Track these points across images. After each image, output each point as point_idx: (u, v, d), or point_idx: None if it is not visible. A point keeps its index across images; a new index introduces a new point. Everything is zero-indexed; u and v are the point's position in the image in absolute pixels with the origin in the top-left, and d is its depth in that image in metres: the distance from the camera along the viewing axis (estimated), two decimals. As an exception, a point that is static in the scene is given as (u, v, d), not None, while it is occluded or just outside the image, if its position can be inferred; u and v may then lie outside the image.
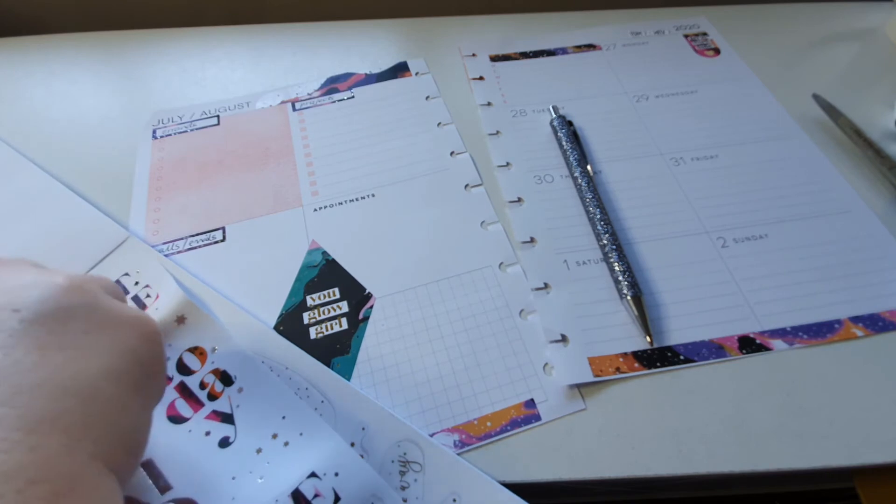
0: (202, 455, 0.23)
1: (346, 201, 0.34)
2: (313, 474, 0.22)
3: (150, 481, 0.22)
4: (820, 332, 0.27)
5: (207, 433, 0.23)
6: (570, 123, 0.37)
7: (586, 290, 0.29)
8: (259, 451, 0.23)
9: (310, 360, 0.26)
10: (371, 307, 0.29)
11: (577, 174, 0.33)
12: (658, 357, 0.26)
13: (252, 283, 0.30)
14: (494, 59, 0.43)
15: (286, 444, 0.23)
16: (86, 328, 0.15)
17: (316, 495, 0.21)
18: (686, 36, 0.44)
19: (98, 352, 0.14)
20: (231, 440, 0.23)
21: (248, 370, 0.25)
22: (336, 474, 0.22)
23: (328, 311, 0.29)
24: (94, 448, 0.13)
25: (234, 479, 0.22)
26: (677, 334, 0.27)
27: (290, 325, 0.28)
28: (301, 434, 0.23)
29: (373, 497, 0.22)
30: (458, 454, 0.24)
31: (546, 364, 0.26)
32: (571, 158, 0.34)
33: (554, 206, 0.33)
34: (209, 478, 0.22)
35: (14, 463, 0.11)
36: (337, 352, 0.27)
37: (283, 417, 0.24)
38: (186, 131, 0.38)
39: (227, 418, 0.24)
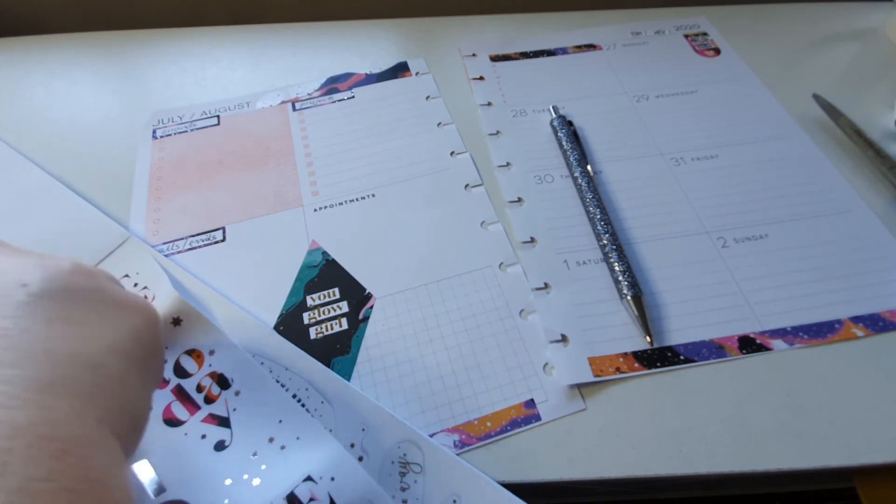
0: (197, 458, 0.23)
1: (346, 201, 0.34)
2: (309, 478, 0.22)
3: (144, 483, 0.22)
4: (820, 332, 0.27)
5: (203, 436, 0.23)
6: (570, 123, 0.37)
7: (586, 290, 0.29)
8: (255, 454, 0.23)
9: (310, 360, 0.26)
10: (371, 307, 0.29)
11: (577, 174, 0.33)
12: (658, 357, 0.26)
13: (252, 283, 0.30)
14: (494, 59, 0.43)
15: (283, 447, 0.23)
16: (91, 307, 0.15)
17: (311, 499, 0.21)
18: (686, 36, 0.44)
19: (103, 329, 0.15)
20: (227, 443, 0.23)
21: (245, 373, 0.25)
22: (332, 479, 0.22)
23: (328, 311, 0.29)
24: (100, 415, 0.13)
25: (229, 482, 0.22)
26: (677, 334, 0.27)
27: (290, 325, 0.28)
28: (298, 438, 0.23)
29: (368, 503, 0.22)
30: (458, 454, 0.24)
31: (546, 364, 0.26)
32: (571, 158, 0.34)
33: (554, 206, 0.33)
34: (204, 481, 0.22)
35: (24, 419, 0.11)
36: (337, 352, 0.27)
37: (280, 421, 0.24)
38: (186, 131, 0.38)
39: (224, 422, 0.24)
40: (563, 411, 0.25)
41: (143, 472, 0.22)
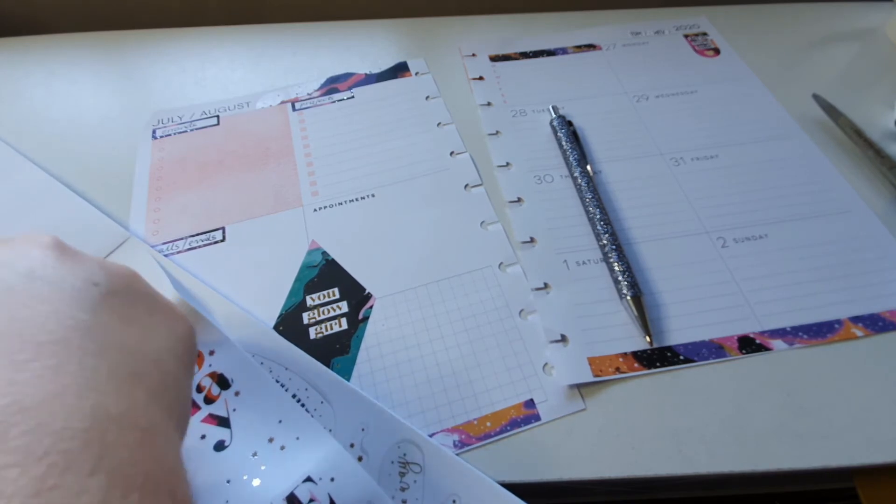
0: (197, 458, 0.23)
1: (346, 201, 0.34)
2: (309, 479, 0.22)
3: None
4: (820, 332, 0.27)
5: (203, 436, 0.23)
6: (570, 123, 0.37)
7: (586, 290, 0.29)
8: (255, 454, 0.23)
9: (309, 360, 0.26)
10: (371, 307, 0.29)
11: (577, 174, 0.33)
12: (658, 357, 0.26)
13: (252, 283, 0.30)
14: (494, 59, 0.43)
15: (282, 448, 0.23)
16: (147, 311, 0.16)
17: (311, 500, 0.21)
18: (686, 36, 0.44)
19: (159, 331, 0.16)
20: (227, 444, 0.23)
21: (245, 373, 0.25)
22: (332, 479, 0.22)
23: (328, 311, 0.29)
24: (167, 408, 0.14)
25: (228, 482, 0.22)
26: (677, 334, 0.27)
27: (290, 325, 0.28)
28: (297, 438, 0.23)
29: (368, 503, 0.22)
30: (458, 454, 0.24)
31: (546, 364, 0.26)
32: (571, 158, 0.34)
33: (554, 206, 0.33)
34: (203, 481, 0.22)
35: (115, 407, 0.12)
36: (337, 352, 0.27)
37: (280, 421, 0.24)
38: (186, 131, 0.38)
39: (224, 422, 0.24)
40: (563, 411, 0.25)
41: None
